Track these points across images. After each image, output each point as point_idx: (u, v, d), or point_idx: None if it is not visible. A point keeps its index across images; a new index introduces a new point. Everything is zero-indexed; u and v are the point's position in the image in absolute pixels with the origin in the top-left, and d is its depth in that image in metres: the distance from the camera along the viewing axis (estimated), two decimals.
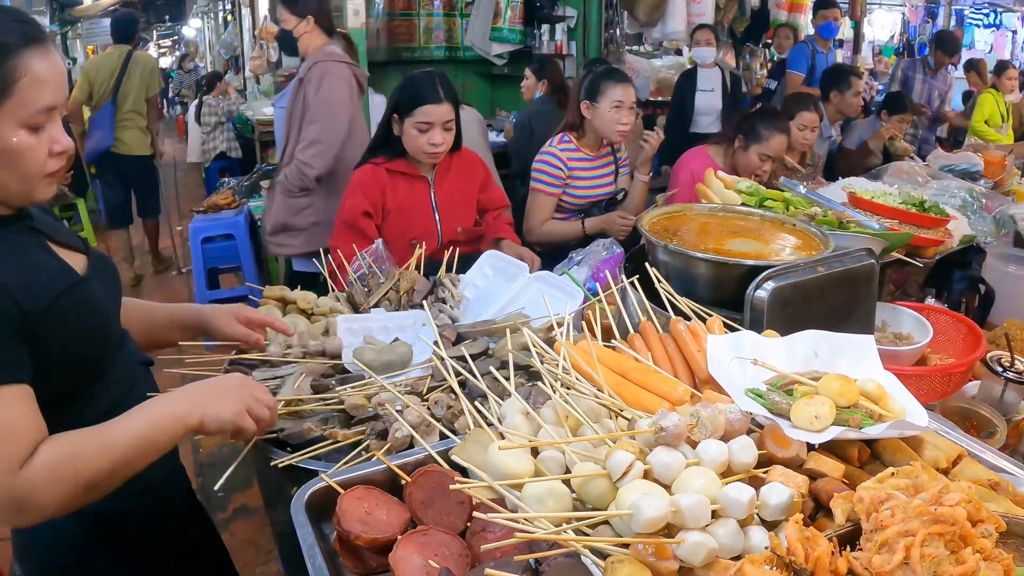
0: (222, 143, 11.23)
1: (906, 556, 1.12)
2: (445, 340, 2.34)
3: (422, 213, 3.60)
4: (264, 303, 2.71)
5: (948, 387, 2.71)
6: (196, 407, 1.71)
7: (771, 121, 4.47)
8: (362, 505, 1.61)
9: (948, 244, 3.33)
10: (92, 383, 1.79)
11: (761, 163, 4.39)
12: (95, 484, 1.58)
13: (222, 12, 18.30)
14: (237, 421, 1.74)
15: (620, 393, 1.67)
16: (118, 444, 1.60)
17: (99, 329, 1.79)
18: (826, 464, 1.50)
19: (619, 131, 4.14)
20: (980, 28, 15.36)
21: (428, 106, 3.37)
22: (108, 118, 7.98)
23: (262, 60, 10.89)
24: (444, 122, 3.43)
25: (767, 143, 4.38)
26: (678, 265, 2.28)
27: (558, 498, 1.38)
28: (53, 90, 1.61)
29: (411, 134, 3.43)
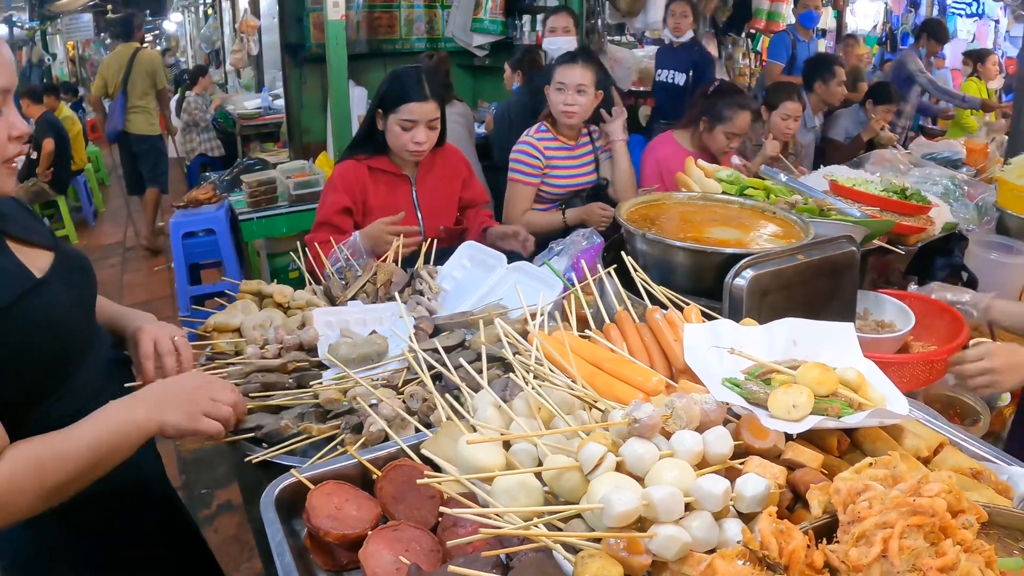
0: (201, 144, 11.15)
1: (884, 549, 1.09)
2: (422, 332, 2.32)
3: (404, 211, 3.51)
4: (241, 297, 2.68)
5: (931, 375, 2.69)
6: (152, 414, 1.68)
7: (732, 99, 4.48)
8: (332, 501, 1.58)
9: (930, 231, 3.33)
10: (57, 386, 1.75)
11: (728, 141, 4.41)
12: (58, 490, 1.56)
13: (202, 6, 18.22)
14: (195, 427, 1.72)
15: (594, 384, 1.64)
16: (77, 453, 1.57)
17: (60, 332, 1.74)
18: (804, 454, 1.47)
19: (563, 111, 4.08)
20: (963, 17, 15.35)
21: (413, 104, 3.32)
22: (120, 106, 9.33)
23: (242, 54, 10.86)
24: (429, 120, 3.38)
25: (731, 122, 4.38)
26: (656, 254, 2.25)
27: (529, 491, 1.35)
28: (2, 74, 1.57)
29: (395, 131, 3.38)
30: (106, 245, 10.23)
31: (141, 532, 2.03)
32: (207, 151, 11.08)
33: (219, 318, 2.49)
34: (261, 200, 5.95)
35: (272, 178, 6.07)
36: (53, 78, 18.86)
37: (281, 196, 6.03)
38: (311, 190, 5.84)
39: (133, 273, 9.07)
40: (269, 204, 5.99)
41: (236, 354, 2.35)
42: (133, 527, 2.01)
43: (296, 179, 6.00)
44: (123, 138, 9.52)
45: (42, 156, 9.57)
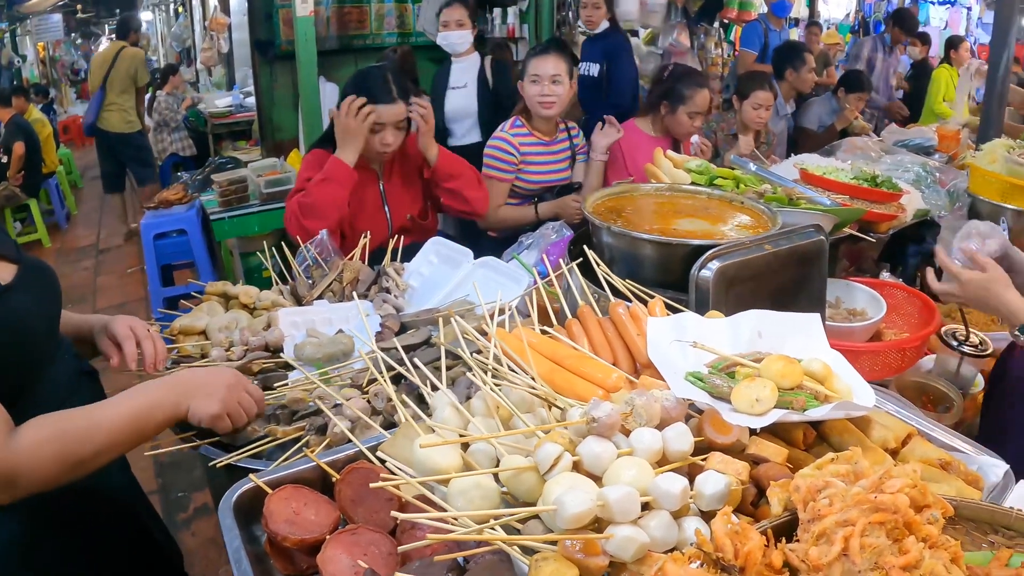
0: (172, 143, 11.06)
1: (845, 547, 1.06)
2: (387, 331, 2.29)
3: (372, 205, 3.53)
4: (206, 299, 2.66)
5: (903, 362, 2.69)
6: (183, 400, 1.74)
7: (688, 79, 4.50)
8: (290, 505, 1.56)
9: (902, 219, 3.32)
10: (18, 397, 1.69)
11: (692, 121, 4.41)
12: (81, 462, 1.59)
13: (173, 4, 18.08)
14: (215, 424, 1.79)
15: (554, 381, 1.61)
16: (106, 426, 1.62)
17: (24, 341, 1.71)
18: (768, 449, 1.45)
19: (540, 103, 4.03)
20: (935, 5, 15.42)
21: (381, 107, 3.29)
22: (97, 102, 9.47)
23: (213, 52, 10.79)
24: (396, 122, 3.35)
25: (692, 101, 4.39)
26: (623, 247, 2.22)
27: (485, 493, 1.31)
28: None
29: None
30: (79, 248, 10.14)
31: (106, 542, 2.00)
32: (179, 150, 10.97)
33: (184, 321, 2.47)
34: (232, 199, 5.91)
35: (243, 177, 6.02)
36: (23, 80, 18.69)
37: (252, 195, 5.99)
38: (282, 188, 5.78)
39: (107, 276, 8.99)
40: (240, 203, 5.94)
41: (202, 357, 2.34)
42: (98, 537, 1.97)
43: (267, 177, 5.96)
44: (100, 135, 9.64)
45: (12, 160, 9.50)
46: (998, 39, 4.44)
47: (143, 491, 2.28)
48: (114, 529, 2.05)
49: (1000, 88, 4.56)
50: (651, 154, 3.24)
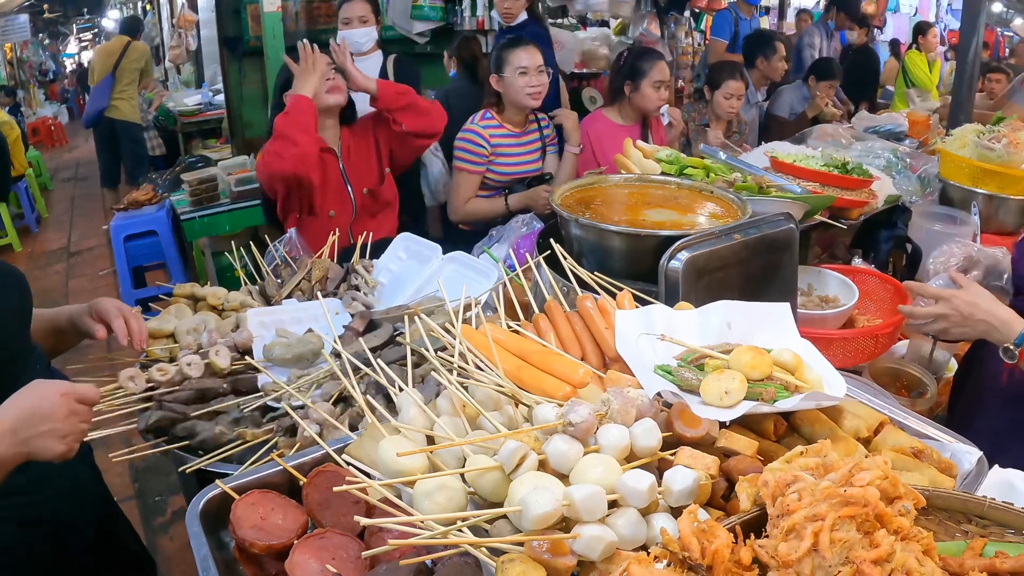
0: None
1: (815, 542, 1.04)
2: (352, 331, 2.26)
3: (334, 185, 3.64)
4: (174, 301, 2.64)
5: (876, 348, 2.69)
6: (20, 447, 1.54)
7: (645, 54, 4.58)
8: (257, 511, 1.54)
9: (873, 205, 3.32)
10: None
11: (657, 92, 4.45)
12: None
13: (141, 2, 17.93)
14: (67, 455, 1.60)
15: (521, 378, 1.58)
16: None
17: None
18: (738, 441, 1.43)
19: (529, 94, 4.03)
20: None
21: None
22: (107, 88, 9.64)
23: (181, 49, 10.72)
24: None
25: (653, 72, 4.43)
26: (591, 239, 2.20)
27: (451, 494, 1.29)
28: None
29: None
30: (50, 251, 10.01)
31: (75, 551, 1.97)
32: (149, 150, 10.89)
33: (152, 324, 2.43)
34: (203, 198, 5.88)
35: (213, 175, 5.99)
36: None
37: (223, 193, 5.96)
38: (253, 186, 5.74)
39: (79, 279, 8.89)
40: (211, 202, 5.92)
41: (171, 360, 2.30)
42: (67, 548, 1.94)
43: (237, 175, 5.93)
44: (105, 124, 9.80)
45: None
46: (967, 25, 4.46)
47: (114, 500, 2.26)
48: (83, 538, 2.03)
49: (970, 74, 4.58)
50: (620, 144, 3.23)
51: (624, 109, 4.60)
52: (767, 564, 1.07)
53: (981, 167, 3.54)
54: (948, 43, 13.72)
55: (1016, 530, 1.24)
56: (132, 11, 18.98)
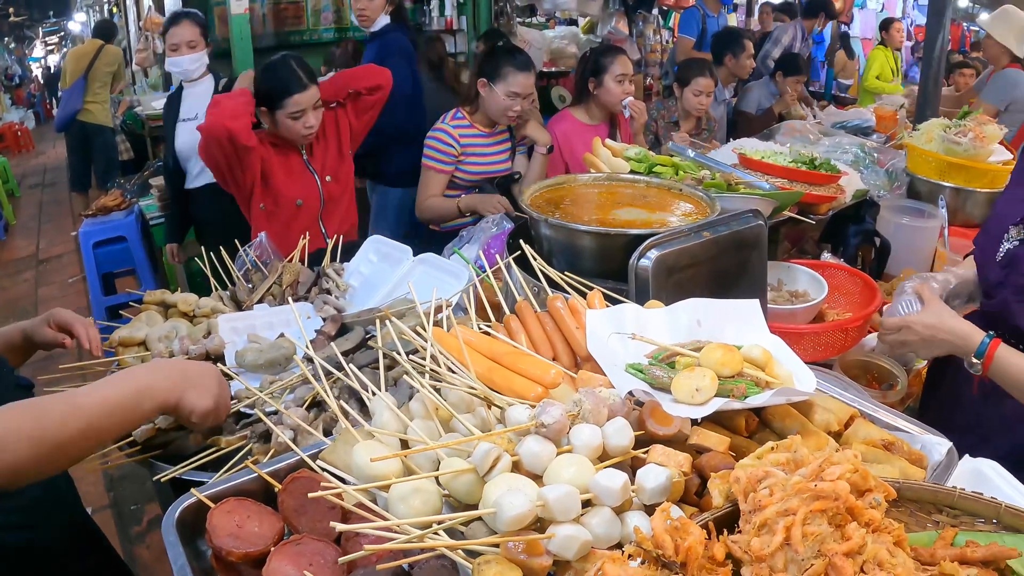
0: None
1: (787, 537, 1.05)
2: (324, 336, 2.25)
3: (299, 175, 3.72)
4: (145, 308, 2.61)
5: (846, 341, 2.71)
6: (176, 390, 1.64)
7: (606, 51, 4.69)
8: (233, 519, 1.53)
9: (841, 200, 3.34)
10: None
11: (621, 86, 4.52)
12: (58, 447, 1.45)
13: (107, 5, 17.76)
14: (205, 420, 1.71)
15: (493, 379, 1.58)
16: (87, 409, 1.50)
17: None
18: (710, 438, 1.44)
19: (511, 116, 4.08)
20: None
21: (297, 96, 3.49)
22: (79, 91, 9.64)
23: (148, 52, 10.63)
24: (314, 104, 3.55)
25: (615, 66, 4.51)
26: (561, 239, 2.20)
27: (426, 497, 1.29)
28: None
29: (286, 124, 3.56)
30: (19, 259, 9.93)
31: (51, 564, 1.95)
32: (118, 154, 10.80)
33: (123, 332, 2.42)
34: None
35: None
36: None
37: None
38: None
39: (48, 286, 8.81)
40: None
41: None
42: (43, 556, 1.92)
43: None
44: (77, 128, 9.81)
45: None
46: (933, 20, 4.51)
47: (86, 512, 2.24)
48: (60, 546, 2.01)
49: (936, 68, 4.62)
50: (589, 143, 3.24)
51: (591, 108, 4.63)
52: (740, 559, 1.08)
53: (948, 161, 3.58)
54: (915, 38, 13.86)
55: (986, 519, 1.26)
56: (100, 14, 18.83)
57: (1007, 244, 2.22)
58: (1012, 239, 2.20)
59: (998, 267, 2.24)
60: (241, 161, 3.51)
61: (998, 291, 2.25)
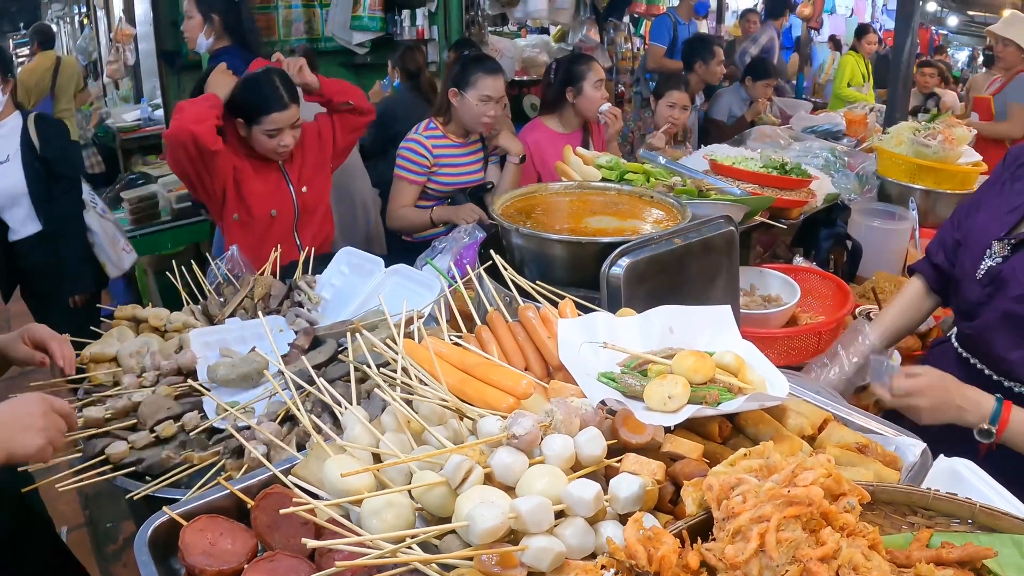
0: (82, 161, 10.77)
1: (761, 543, 1.05)
2: (297, 350, 2.23)
3: (275, 185, 3.64)
4: (116, 323, 2.58)
5: (819, 345, 2.72)
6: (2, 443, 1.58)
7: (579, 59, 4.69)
8: (206, 536, 1.51)
9: (812, 204, 3.36)
10: None
11: (598, 90, 4.52)
12: None
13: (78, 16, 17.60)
14: (42, 456, 1.64)
15: (465, 391, 1.57)
16: None
17: None
18: (683, 445, 1.43)
19: (486, 123, 4.06)
20: None
21: (275, 114, 3.40)
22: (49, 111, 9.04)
23: (119, 64, 10.50)
24: (292, 123, 3.46)
25: (590, 72, 4.50)
26: (533, 248, 2.20)
27: (398, 511, 1.28)
28: None
29: (260, 140, 3.46)
30: None
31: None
32: (88, 168, 10.68)
33: (94, 348, 2.39)
34: (143, 216, 5.80)
35: (153, 192, 5.91)
36: None
37: (164, 211, 5.88)
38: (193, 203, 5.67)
39: (20, 302, 8.67)
40: (151, 220, 5.84)
41: (114, 384, 2.27)
42: None
43: (178, 192, 5.85)
44: None
45: None
46: (901, 25, 4.54)
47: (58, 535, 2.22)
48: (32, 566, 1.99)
49: (905, 72, 4.66)
50: (561, 152, 3.23)
51: (565, 116, 4.62)
52: (715, 567, 1.08)
53: (917, 163, 3.61)
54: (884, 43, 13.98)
55: (961, 519, 1.26)
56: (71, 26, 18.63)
57: (988, 261, 2.13)
58: (995, 255, 2.12)
59: (979, 286, 2.15)
60: (208, 167, 3.42)
61: (979, 312, 2.16)
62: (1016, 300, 2.05)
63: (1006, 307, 2.07)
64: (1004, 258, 2.09)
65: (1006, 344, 2.10)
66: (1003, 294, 2.07)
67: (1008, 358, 2.09)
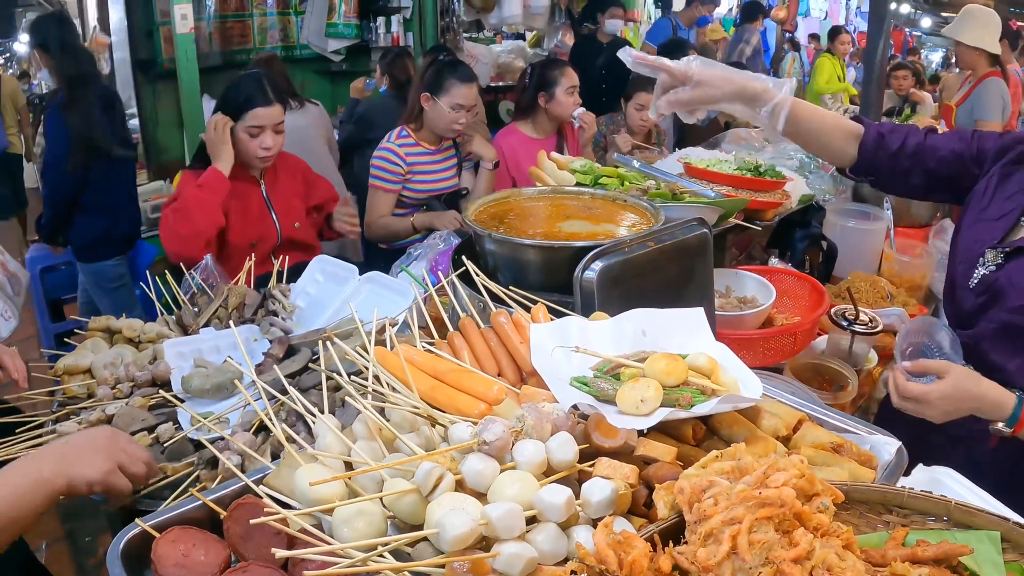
0: None
1: (733, 545, 1.04)
2: (271, 359, 2.22)
3: (258, 214, 3.56)
4: (90, 335, 2.56)
5: (796, 345, 2.73)
6: (61, 469, 1.55)
7: (552, 63, 4.75)
8: (178, 548, 1.49)
9: (787, 205, 3.37)
10: None
11: (571, 96, 4.55)
12: None
13: None
14: (108, 480, 1.59)
15: (436, 398, 1.56)
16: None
17: None
18: (656, 449, 1.43)
19: (456, 130, 4.08)
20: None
21: (259, 109, 3.35)
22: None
23: None
24: (275, 124, 3.41)
25: (563, 78, 4.53)
26: (506, 253, 2.19)
27: (370, 519, 1.27)
28: None
29: (242, 139, 3.40)
30: None
31: None
32: None
33: (68, 360, 2.37)
34: None
35: None
36: None
37: None
38: None
39: None
40: None
41: (89, 396, 2.25)
42: None
43: (153, 201, 5.82)
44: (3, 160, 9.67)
45: None
46: (874, 26, 4.57)
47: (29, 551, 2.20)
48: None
49: (878, 73, 4.69)
50: (535, 157, 3.23)
51: (538, 122, 4.64)
52: (688, 570, 1.07)
53: None
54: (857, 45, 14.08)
55: (937, 517, 1.26)
56: None
57: (982, 269, 2.09)
58: (988, 264, 2.08)
59: (972, 295, 2.12)
60: None
61: (974, 321, 2.13)
62: (1014, 311, 2.02)
63: (1004, 318, 2.05)
64: (998, 266, 2.06)
65: (1003, 354, 2.07)
66: (1000, 305, 2.05)
67: (1007, 368, 2.06)
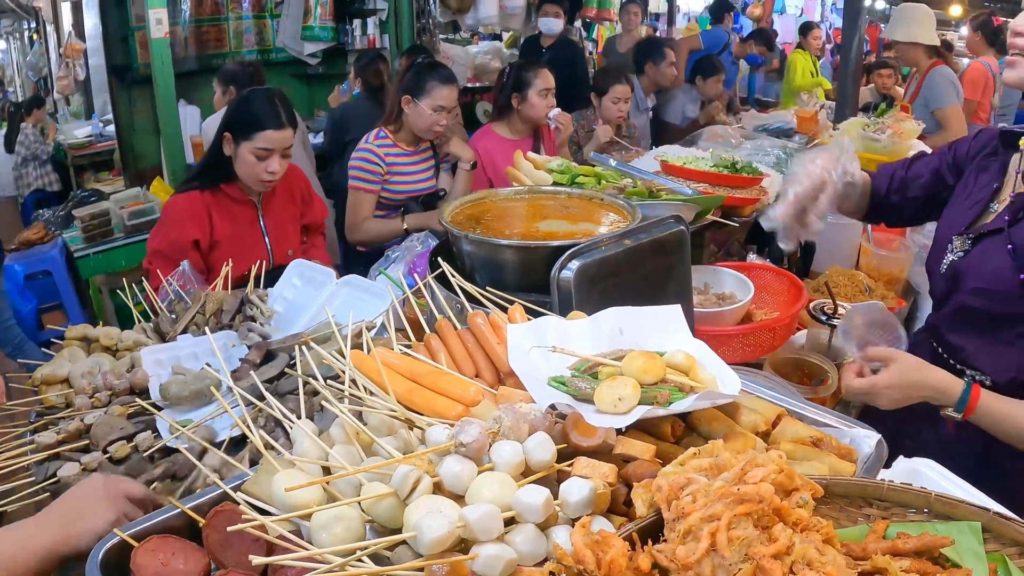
0: (37, 179, 10.60)
1: (712, 542, 1.04)
2: (248, 365, 2.21)
3: (252, 239, 3.43)
4: (68, 344, 2.54)
5: (775, 341, 2.74)
6: (65, 534, 1.50)
7: (527, 65, 4.70)
8: (157, 557, 1.48)
9: (764, 201, 3.38)
10: None
11: (544, 100, 4.54)
12: None
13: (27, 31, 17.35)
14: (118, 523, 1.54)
15: (413, 400, 1.56)
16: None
17: None
18: (635, 447, 1.43)
19: (436, 131, 4.08)
20: None
21: (270, 132, 3.19)
22: None
23: (69, 80, 10.35)
24: (284, 148, 3.26)
25: (537, 80, 4.53)
26: (483, 254, 2.19)
27: (348, 524, 1.26)
28: None
29: (247, 160, 3.24)
30: None
31: None
32: (44, 185, 10.54)
33: (45, 370, 2.35)
34: (96, 234, 5.73)
35: (105, 210, 5.83)
36: None
37: (116, 228, 5.80)
38: (147, 219, 5.63)
39: None
40: (104, 237, 5.77)
41: (67, 406, 2.23)
42: None
43: (130, 208, 5.77)
44: None
45: None
46: (849, 23, 4.60)
47: None
48: None
49: (853, 68, 4.72)
50: (512, 158, 3.23)
51: (514, 123, 4.65)
52: (667, 568, 1.07)
53: (867, 157, 3.65)
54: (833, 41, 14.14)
55: (917, 509, 1.26)
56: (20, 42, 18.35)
57: (951, 255, 2.17)
58: (956, 250, 2.15)
59: (942, 280, 2.20)
60: None
61: (942, 304, 2.22)
62: (970, 293, 2.09)
63: (962, 300, 2.12)
64: (965, 252, 2.13)
65: (962, 335, 2.16)
66: (961, 288, 2.12)
67: (966, 348, 2.15)
